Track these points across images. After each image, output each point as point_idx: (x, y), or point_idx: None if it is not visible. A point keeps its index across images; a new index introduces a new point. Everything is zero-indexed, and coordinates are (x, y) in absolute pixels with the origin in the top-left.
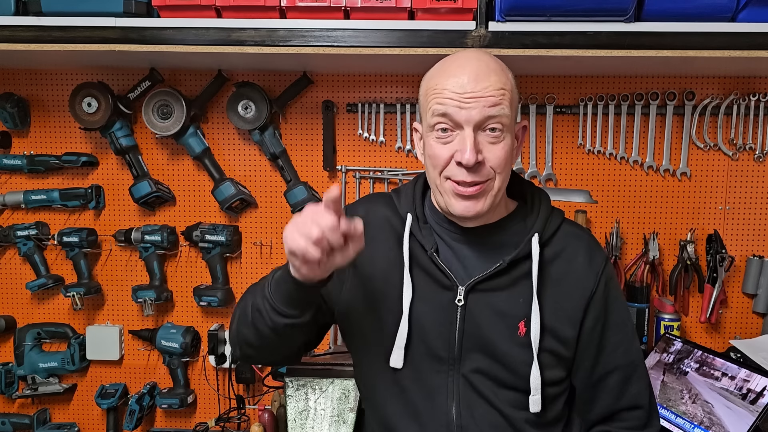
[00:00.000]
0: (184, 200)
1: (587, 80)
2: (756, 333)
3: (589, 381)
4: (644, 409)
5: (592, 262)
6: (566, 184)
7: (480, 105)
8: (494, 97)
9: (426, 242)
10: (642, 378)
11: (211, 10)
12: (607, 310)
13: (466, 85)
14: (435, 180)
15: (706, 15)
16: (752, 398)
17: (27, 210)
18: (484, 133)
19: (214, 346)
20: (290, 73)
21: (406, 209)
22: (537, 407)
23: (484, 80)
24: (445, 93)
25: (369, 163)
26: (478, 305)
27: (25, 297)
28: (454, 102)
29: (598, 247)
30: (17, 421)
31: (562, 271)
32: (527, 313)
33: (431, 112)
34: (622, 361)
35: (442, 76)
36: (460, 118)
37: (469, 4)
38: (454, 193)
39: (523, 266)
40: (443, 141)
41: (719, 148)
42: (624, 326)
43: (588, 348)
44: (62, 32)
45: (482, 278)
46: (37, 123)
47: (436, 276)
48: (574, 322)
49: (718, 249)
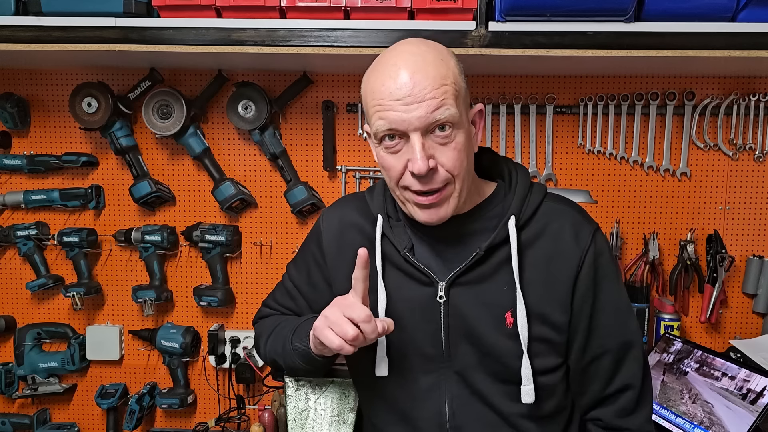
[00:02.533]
0: (184, 200)
1: (587, 80)
2: (756, 333)
3: (580, 365)
4: (635, 390)
5: (578, 237)
6: (566, 184)
7: (422, 110)
8: (436, 98)
9: (398, 242)
10: (636, 359)
11: (211, 10)
12: (596, 288)
13: (403, 87)
14: (394, 190)
15: (706, 15)
16: (752, 398)
17: (27, 210)
18: (433, 135)
19: (214, 346)
20: (290, 73)
21: (377, 210)
22: (530, 398)
23: (422, 80)
24: (383, 102)
25: (369, 163)
26: (461, 299)
27: (25, 297)
28: (395, 112)
29: (586, 221)
30: (17, 421)
31: (548, 250)
32: (513, 302)
33: (375, 125)
34: (614, 343)
35: (378, 77)
36: (403, 127)
37: (469, 4)
38: (415, 203)
39: (502, 252)
40: (392, 151)
41: (719, 148)
42: (616, 305)
43: (577, 330)
44: (62, 32)
45: (461, 271)
46: (37, 123)
47: (414, 275)
48: (564, 304)
49: (718, 249)
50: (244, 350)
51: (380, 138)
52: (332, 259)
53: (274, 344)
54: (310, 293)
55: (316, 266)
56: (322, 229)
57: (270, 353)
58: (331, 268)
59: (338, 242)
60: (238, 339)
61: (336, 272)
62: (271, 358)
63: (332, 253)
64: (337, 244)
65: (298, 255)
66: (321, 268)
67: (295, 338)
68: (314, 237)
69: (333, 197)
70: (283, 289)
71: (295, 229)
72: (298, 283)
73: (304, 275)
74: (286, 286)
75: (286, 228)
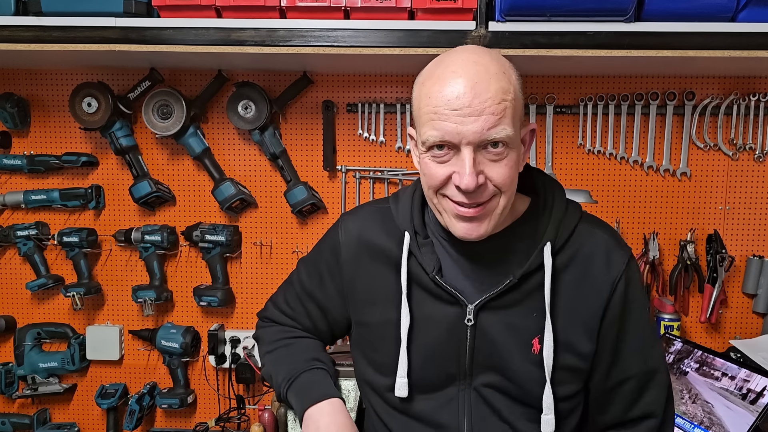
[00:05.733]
0: (184, 200)
1: (587, 80)
2: (756, 333)
3: (603, 387)
4: (657, 419)
5: (610, 264)
6: (566, 184)
7: (479, 124)
8: (494, 114)
9: (427, 264)
10: (660, 386)
11: (211, 10)
12: (624, 314)
13: (462, 97)
14: (432, 198)
15: (706, 15)
16: (752, 398)
17: (27, 210)
18: (485, 150)
19: (214, 346)
20: (290, 73)
21: (404, 226)
22: (550, 428)
23: (483, 92)
24: (439, 111)
25: (369, 163)
26: (488, 322)
27: (25, 297)
28: (450, 123)
29: (619, 246)
30: (17, 421)
31: (578, 276)
32: (541, 328)
33: (426, 134)
34: (638, 369)
35: (436, 83)
36: (456, 140)
37: (469, 4)
38: (454, 214)
39: (534, 278)
40: (439, 160)
41: (719, 148)
42: (642, 332)
43: (601, 357)
44: (62, 32)
45: (494, 295)
46: (37, 123)
47: (442, 296)
48: (592, 332)
49: (718, 249)
50: (244, 350)
51: (429, 146)
52: (350, 276)
53: (271, 366)
54: (324, 300)
55: (330, 277)
56: (341, 241)
57: (264, 372)
58: (347, 282)
59: (356, 261)
60: (238, 339)
61: (352, 291)
62: (266, 374)
63: (350, 270)
64: (355, 263)
65: (309, 261)
66: (335, 280)
67: (291, 393)
68: (331, 246)
69: (333, 197)
70: (293, 293)
71: (295, 229)
72: (310, 288)
73: (316, 281)
74: (296, 290)
75: (286, 228)
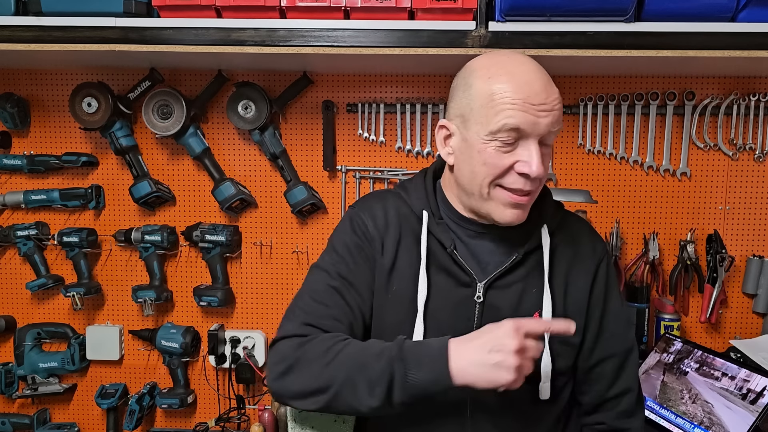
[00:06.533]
0: (184, 200)
1: (587, 80)
2: (756, 333)
3: (586, 365)
4: (634, 393)
5: (594, 247)
6: (566, 184)
7: (550, 119)
8: (558, 111)
9: (445, 239)
10: (634, 363)
11: (211, 10)
12: (607, 295)
13: (540, 93)
14: (479, 187)
15: (706, 15)
16: (752, 398)
17: (27, 210)
18: (541, 144)
19: (214, 346)
20: (290, 73)
21: (421, 206)
22: (547, 395)
23: (553, 92)
24: (517, 103)
25: (369, 163)
26: (496, 300)
27: (25, 297)
28: (529, 115)
29: (595, 232)
30: (17, 421)
31: (570, 255)
32: (540, 304)
33: (500, 123)
34: (618, 348)
35: (510, 81)
36: (530, 130)
37: (469, 4)
38: (507, 202)
39: (534, 257)
40: (504, 150)
41: (719, 148)
42: (621, 312)
43: (587, 333)
44: (62, 32)
45: (501, 273)
46: (37, 123)
47: (455, 273)
48: (582, 308)
49: (718, 249)
50: (244, 350)
51: (497, 133)
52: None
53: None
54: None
55: (359, 251)
56: (363, 217)
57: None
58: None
59: (380, 233)
60: (238, 339)
61: (380, 260)
62: (339, 378)
63: (377, 240)
64: (379, 234)
65: (330, 252)
66: (363, 252)
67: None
68: (352, 227)
69: (333, 197)
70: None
71: (295, 229)
72: (344, 273)
73: (344, 265)
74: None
75: (286, 228)
